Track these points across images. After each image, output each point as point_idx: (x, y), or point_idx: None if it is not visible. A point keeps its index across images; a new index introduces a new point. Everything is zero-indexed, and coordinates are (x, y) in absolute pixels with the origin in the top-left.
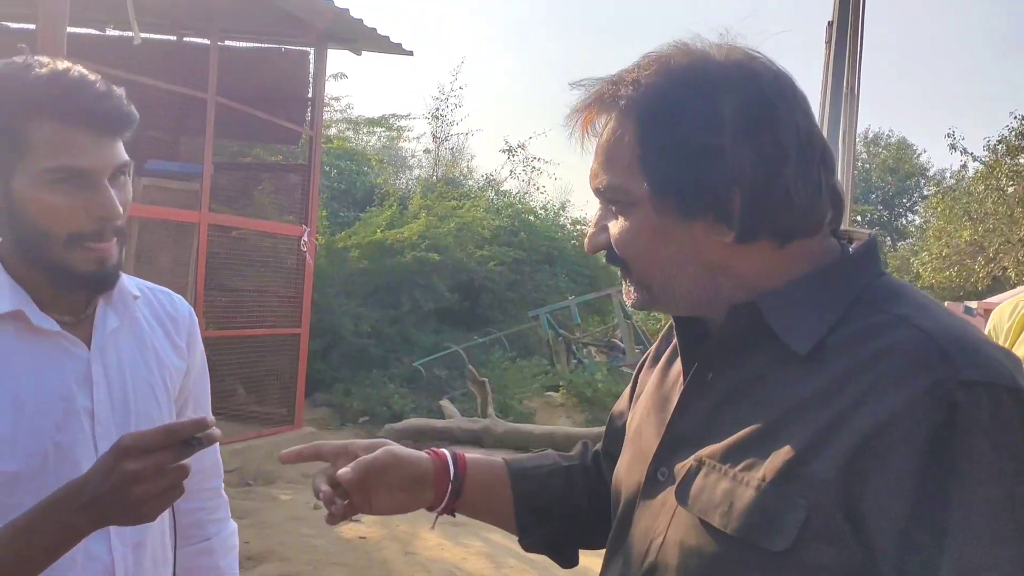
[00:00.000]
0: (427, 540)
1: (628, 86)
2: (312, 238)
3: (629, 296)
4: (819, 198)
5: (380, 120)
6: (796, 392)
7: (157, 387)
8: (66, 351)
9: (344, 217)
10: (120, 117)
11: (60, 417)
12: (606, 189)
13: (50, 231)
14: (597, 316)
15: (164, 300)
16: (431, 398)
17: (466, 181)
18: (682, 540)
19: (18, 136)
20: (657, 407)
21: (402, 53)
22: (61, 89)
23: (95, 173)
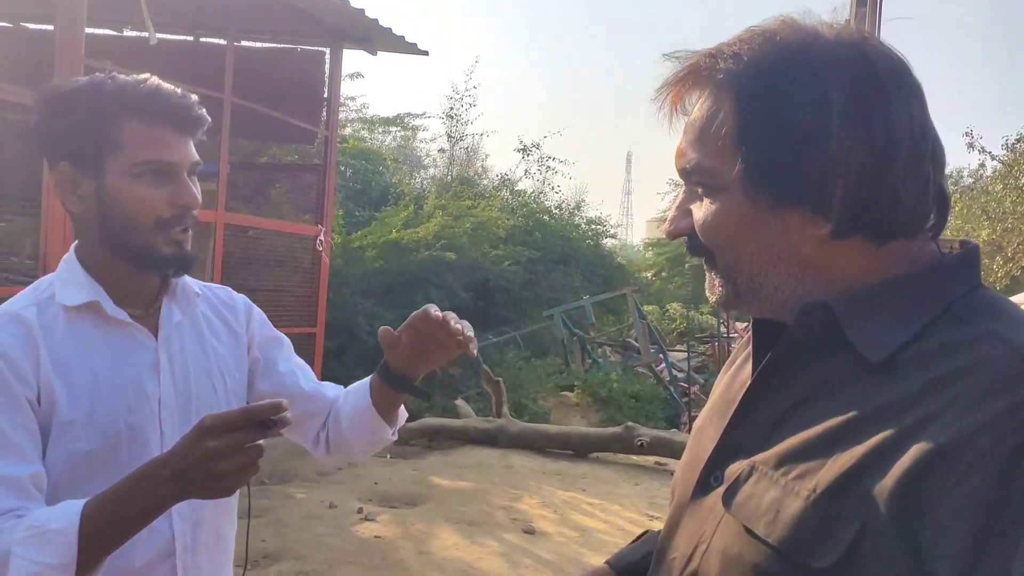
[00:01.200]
0: (442, 539)
1: (728, 59)
2: (328, 237)
3: (713, 291)
4: (926, 196)
5: (395, 120)
6: (864, 403)
7: (214, 375)
8: (137, 341)
9: (359, 216)
10: (197, 118)
11: (132, 400)
12: (693, 170)
13: (139, 218)
14: (612, 316)
15: (222, 295)
16: (446, 397)
17: (481, 180)
18: (725, 547)
19: (110, 136)
20: (720, 411)
21: (417, 53)
22: (146, 93)
23: (178, 166)
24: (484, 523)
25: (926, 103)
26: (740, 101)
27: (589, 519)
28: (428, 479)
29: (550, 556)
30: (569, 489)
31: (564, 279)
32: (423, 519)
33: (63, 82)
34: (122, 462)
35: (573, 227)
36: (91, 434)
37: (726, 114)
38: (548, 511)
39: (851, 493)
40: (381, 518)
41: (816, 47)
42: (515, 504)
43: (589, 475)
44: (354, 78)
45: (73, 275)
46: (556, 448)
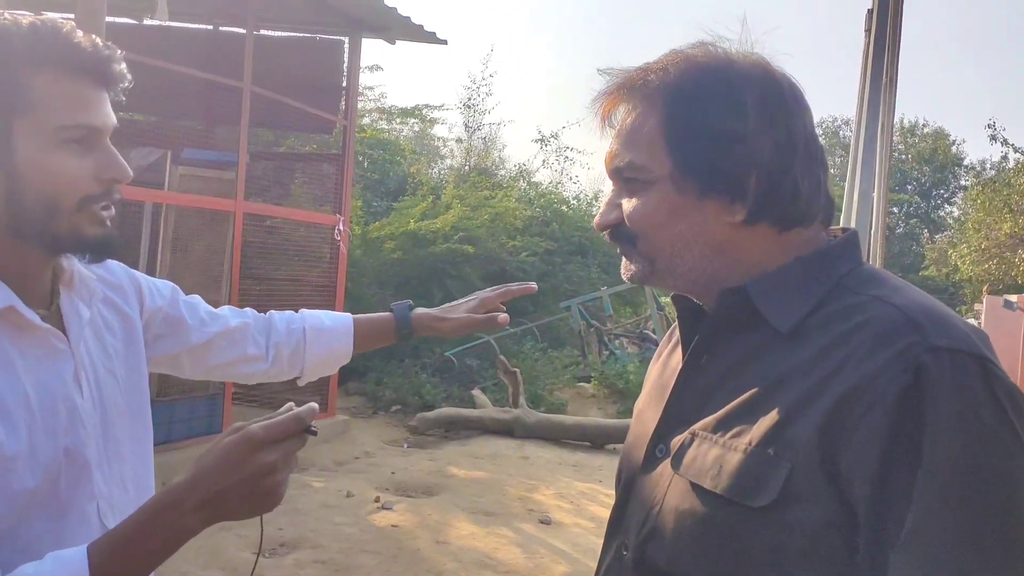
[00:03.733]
0: (459, 529)
1: (656, 73)
2: (346, 227)
3: (627, 269)
4: (818, 192)
5: (413, 111)
6: (780, 367)
7: (118, 375)
8: (53, 347)
9: (377, 207)
10: (120, 72)
11: (66, 421)
12: (626, 167)
13: (60, 196)
14: (629, 307)
15: (104, 275)
16: (462, 388)
17: (498, 171)
18: (677, 505)
19: (18, 93)
20: (657, 394)
21: (436, 42)
22: (62, 40)
23: (103, 132)
24: (500, 513)
25: (812, 122)
26: (669, 107)
27: (606, 510)
28: (445, 469)
29: (566, 546)
30: (586, 480)
31: (581, 270)
32: (440, 509)
33: None
34: (61, 496)
35: (591, 218)
36: (35, 469)
37: (655, 119)
38: (564, 502)
39: (779, 441)
40: (398, 507)
41: (730, 65)
42: (531, 495)
43: (606, 466)
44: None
45: None
46: (573, 439)
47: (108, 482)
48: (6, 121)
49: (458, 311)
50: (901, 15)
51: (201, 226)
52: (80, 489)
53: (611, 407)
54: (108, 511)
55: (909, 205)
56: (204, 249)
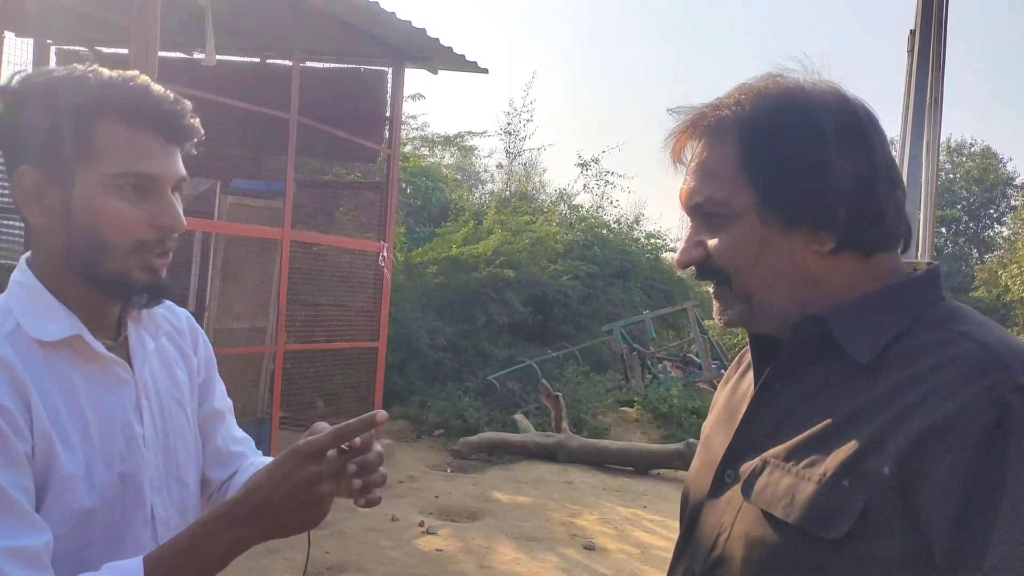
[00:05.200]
0: (502, 554)
1: (729, 108)
2: (390, 254)
3: (723, 313)
4: (900, 216)
5: (455, 139)
6: (857, 398)
7: (185, 406)
8: (116, 376)
9: (420, 233)
10: (188, 127)
11: (123, 447)
12: (706, 202)
13: (112, 240)
14: (672, 331)
15: (167, 313)
16: (505, 412)
17: (539, 195)
18: (747, 532)
19: (84, 140)
20: (726, 418)
21: (477, 71)
22: (131, 93)
23: (161, 181)
24: (544, 538)
25: (888, 143)
26: (748, 141)
27: (650, 536)
28: (488, 493)
29: (610, 572)
30: (630, 506)
31: (623, 294)
32: (483, 533)
33: (37, 71)
34: (117, 520)
35: (632, 241)
36: (91, 490)
37: (735, 152)
38: (608, 527)
39: (855, 474)
40: (442, 532)
41: (805, 94)
42: (575, 520)
43: (650, 492)
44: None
45: (41, 302)
46: (616, 464)
47: (167, 507)
48: (70, 164)
49: None
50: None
51: (250, 254)
52: (135, 514)
53: (655, 432)
54: (167, 535)
55: (957, 224)
56: (253, 276)
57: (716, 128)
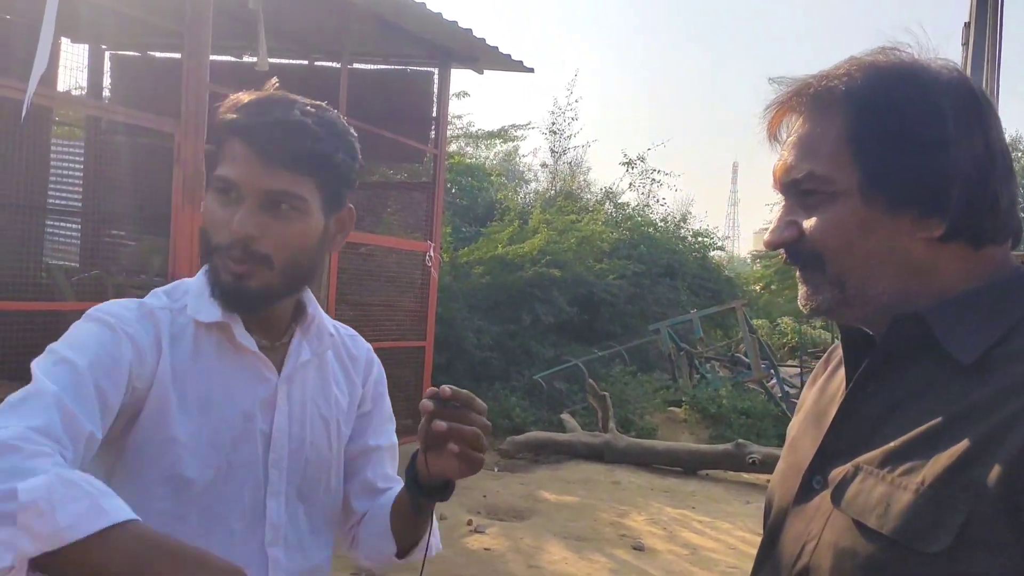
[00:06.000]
0: (551, 554)
1: (838, 79)
2: (437, 253)
3: (811, 299)
4: (1014, 206)
5: (499, 133)
6: (959, 402)
7: (331, 425)
8: (258, 373)
9: (466, 232)
10: (286, 142)
11: (237, 434)
12: (805, 179)
13: (207, 235)
14: (720, 330)
15: (348, 341)
16: (551, 411)
17: (584, 194)
18: (836, 542)
19: (221, 149)
20: (814, 420)
21: (523, 70)
22: (250, 110)
23: (241, 188)
24: (592, 538)
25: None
26: (856, 114)
27: (699, 537)
28: (535, 493)
29: (659, 573)
30: (678, 506)
31: (670, 293)
32: (532, 533)
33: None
34: (214, 504)
35: (679, 240)
36: (192, 461)
37: (841, 127)
38: (657, 528)
39: (957, 484)
40: (490, 531)
41: (922, 68)
42: (623, 520)
43: (699, 492)
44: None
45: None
46: (664, 464)
47: (281, 513)
48: (212, 170)
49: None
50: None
51: None
52: (234, 505)
53: (703, 432)
54: (276, 539)
55: None
56: None
57: (822, 100)
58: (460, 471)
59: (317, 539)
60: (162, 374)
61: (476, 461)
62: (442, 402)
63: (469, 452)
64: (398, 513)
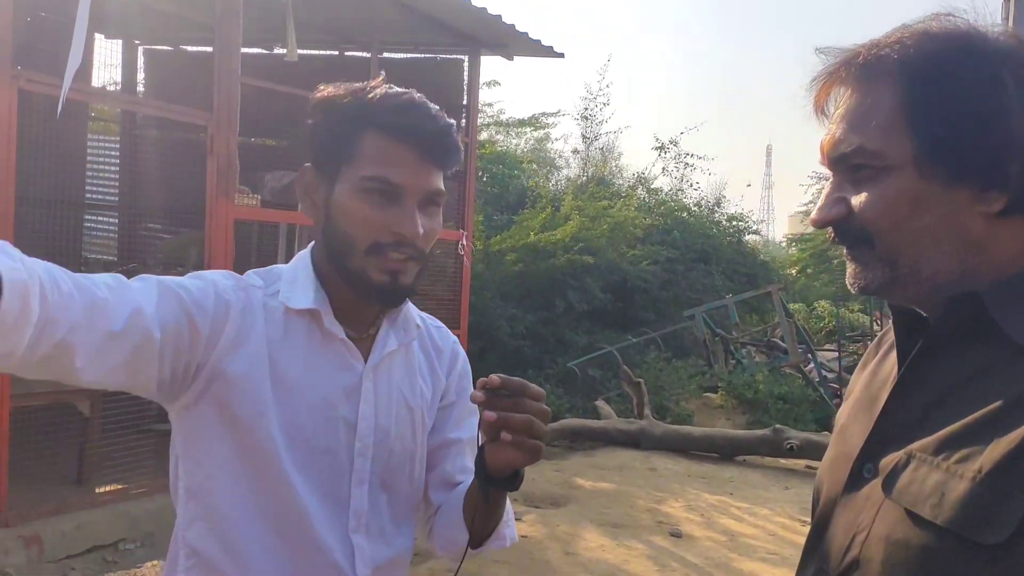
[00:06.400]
0: (588, 541)
1: (890, 47)
2: (469, 242)
3: (860, 277)
4: None
5: (530, 120)
6: (1018, 386)
7: (416, 415)
8: (343, 361)
9: (498, 220)
10: (442, 145)
11: (318, 420)
12: (855, 152)
13: (354, 237)
14: (755, 315)
15: (435, 333)
16: (586, 398)
17: (616, 180)
18: (888, 533)
19: (350, 145)
20: (864, 406)
21: (553, 56)
22: (395, 106)
23: (405, 190)
24: (629, 525)
25: None
26: (910, 84)
27: (737, 523)
28: (571, 480)
29: (698, 560)
30: (716, 493)
31: (704, 278)
32: (568, 520)
33: (336, 86)
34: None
35: (713, 224)
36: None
37: (893, 98)
38: (694, 514)
39: (1017, 471)
40: (527, 518)
41: (978, 36)
42: (660, 507)
43: (736, 478)
44: (491, 86)
45: (304, 276)
46: (700, 451)
47: (363, 501)
48: (335, 167)
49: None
50: None
51: None
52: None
53: (739, 418)
54: (359, 526)
55: None
56: None
57: (872, 70)
58: (518, 459)
59: (399, 528)
60: (256, 349)
61: (532, 448)
62: (492, 392)
63: (523, 440)
64: (470, 504)
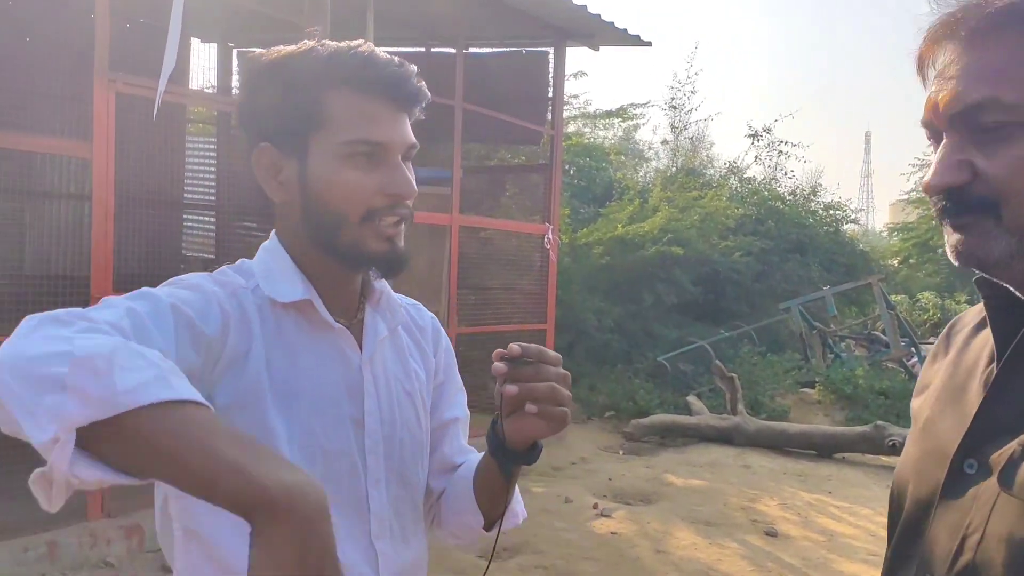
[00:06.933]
0: (679, 539)
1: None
2: (555, 235)
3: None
4: None
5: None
6: None
7: (416, 399)
8: (342, 353)
9: (584, 214)
10: (415, 91)
11: (328, 422)
12: (987, 105)
13: (345, 209)
14: (854, 307)
15: (412, 312)
16: (677, 394)
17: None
18: (1011, 532)
19: (316, 110)
20: (953, 398)
21: (640, 44)
22: (360, 60)
23: (391, 148)
24: (722, 523)
25: None
26: None
27: (836, 523)
28: (662, 476)
29: (795, 560)
30: (813, 491)
31: (800, 269)
32: (659, 517)
33: (268, 51)
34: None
35: (809, 213)
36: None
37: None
38: (790, 513)
39: None
40: (617, 514)
41: None
42: (754, 505)
43: (835, 476)
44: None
45: (281, 267)
46: (797, 448)
47: (383, 501)
48: (304, 136)
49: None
50: None
51: (421, 241)
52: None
53: (838, 414)
54: (382, 531)
55: None
56: (425, 262)
57: (998, 19)
58: (544, 430)
59: (417, 527)
60: (255, 357)
61: (558, 416)
62: (513, 362)
63: (549, 409)
64: (483, 483)
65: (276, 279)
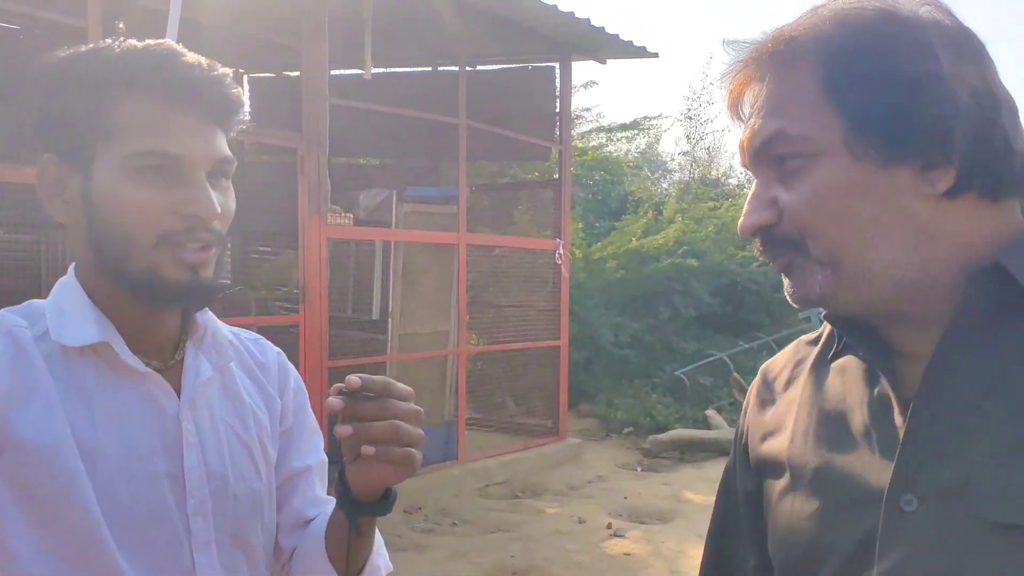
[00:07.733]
0: (694, 558)
1: (801, 31)
2: (566, 251)
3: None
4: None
5: (632, 125)
6: None
7: (255, 449)
8: (153, 401)
9: (599, 228)
10: (223, 99)
11: (135, 485)
12: (776, 138)
13: (135, 233)
14: None
15: (252, 347)
16: (696, 408)
17: (727, 180)
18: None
19: (101, 117)
20: (839, 439)
21: (647, 56)
22: (153, 61)
23: (188, 162)
24: None
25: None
26: (830, 60)
27: None
28: (680, 494)
29: None
30: None
31: None
32: (674, 536)
33: (61, 52)
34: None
35: None
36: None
37: (813, 76)
38: None
39: None
40: (631, 534)
41: (895, 7)
42: None
43: None
44: (588, 87)
45: (74, 304)
46: None
47: (214, 567)
48: (89, 147)
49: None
50: None
51: (428, 259)
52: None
53: None
54: None
55: None
56: (433, 281)
57: (784, 56)
58: (390, 475)
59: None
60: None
61: (403, 457)
62: (352, 396)
63: (390, 450)
64: (335, 538)
65: (67, 320)
